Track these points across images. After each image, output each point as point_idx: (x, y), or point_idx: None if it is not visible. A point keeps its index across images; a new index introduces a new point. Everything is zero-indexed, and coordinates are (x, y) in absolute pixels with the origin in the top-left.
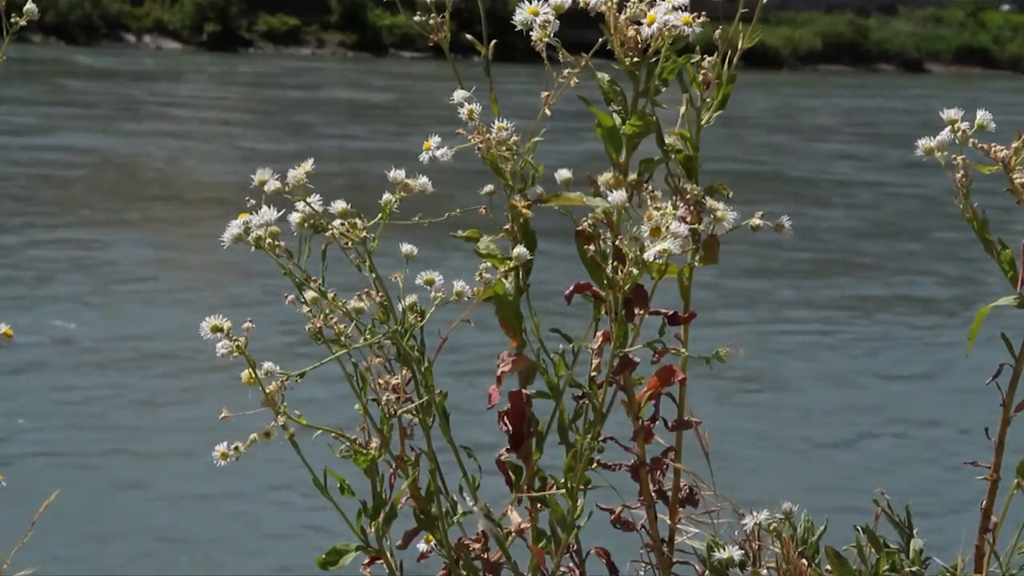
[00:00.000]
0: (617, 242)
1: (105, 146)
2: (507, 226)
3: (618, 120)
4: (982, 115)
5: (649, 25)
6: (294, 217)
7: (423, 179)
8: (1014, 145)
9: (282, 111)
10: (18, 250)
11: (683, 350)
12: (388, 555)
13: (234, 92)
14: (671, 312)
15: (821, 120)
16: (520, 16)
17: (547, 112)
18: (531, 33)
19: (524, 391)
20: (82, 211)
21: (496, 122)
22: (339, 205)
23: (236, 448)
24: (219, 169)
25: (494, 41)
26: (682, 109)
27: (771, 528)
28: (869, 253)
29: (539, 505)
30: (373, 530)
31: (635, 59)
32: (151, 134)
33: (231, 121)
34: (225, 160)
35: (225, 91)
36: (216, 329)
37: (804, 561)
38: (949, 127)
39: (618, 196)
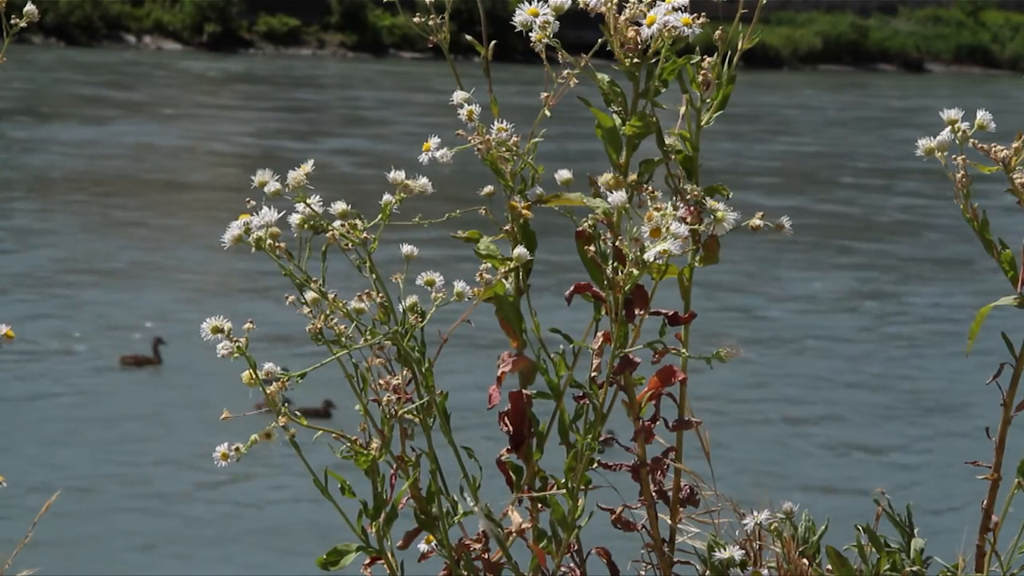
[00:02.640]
0: (617, 243)
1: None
2: (507, 227)
3: (618, 121)
4: (982, 115)
5: (649, 26)
6: (294, 218)
7: (423, 180)
8: (1014, 145)
9: (282, 110)
10: (19, 250)
11: (683, 350)
12: (389, 555)
13: (234, 92)
14: (671, 312)
15: None
16: (520, 17)
17: (547, 113)
18: (531, 34)
19: (525, 391)
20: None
21: (495, 123)
22: (339, 206)
23: (237, 449)
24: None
25: (494, 42)
26: (682, 110)
27: (772, 528)
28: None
29: (540, 505)
30: (374, 530)
31: (635, 60)
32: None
33: (231, 121)
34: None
35: (225, 91)
36: (216, 330)
37: (805, 561)
38: (949, 127)
39: (618, 197)
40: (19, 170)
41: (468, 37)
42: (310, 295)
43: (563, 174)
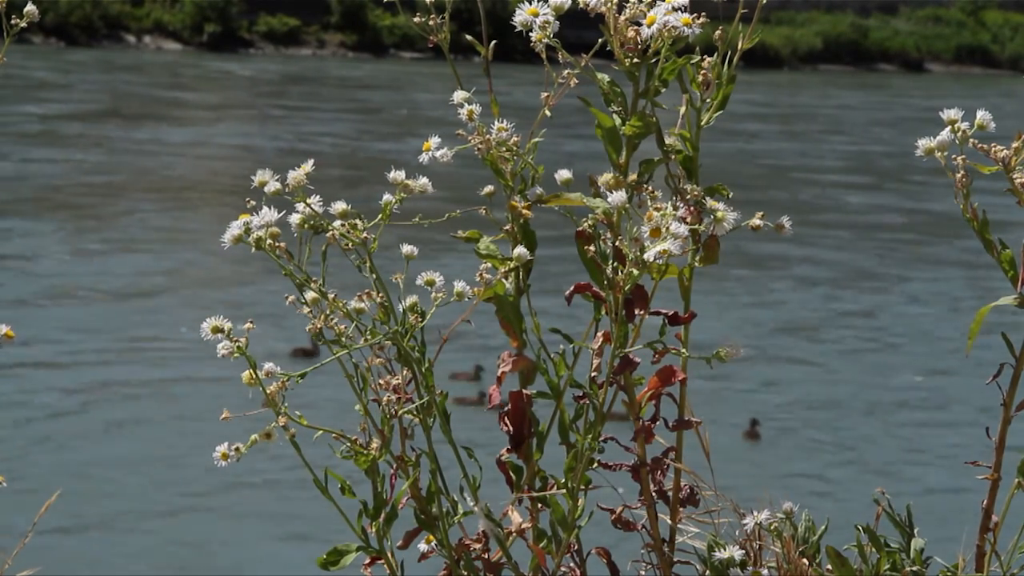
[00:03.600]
0: (617, 243)
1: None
2: (507, 226)
3: (618, 121)
4: (982, 115)
5: (649, 26)
6: (294, 218)
7: (423, 180)
8: (1014, 145)
9: (354, 111)
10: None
11: (683, 350)
12: (389, 555)
13: (297, 94)
14: (671, 312)
15: None
16: (520, 17)
17: (547, 113)
18: (531, 34)
19: (525, 391)
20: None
21: (496, 123)
22: (339, 206)
23: (237, 449)
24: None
25: (494, 42)
26: (682, 110)
27: (772, 528)
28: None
29: (540, 505)
30: (374, 530)
31: (635, 60)
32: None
33: (312, 122)
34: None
35: (288, 93)
36: (216, 330)
37: (805, 561)
38: (949, 127)
39: (618, 197)
40: (141, 172)
41: (468, 37)
42: (310, 295)
43: (563, 174)
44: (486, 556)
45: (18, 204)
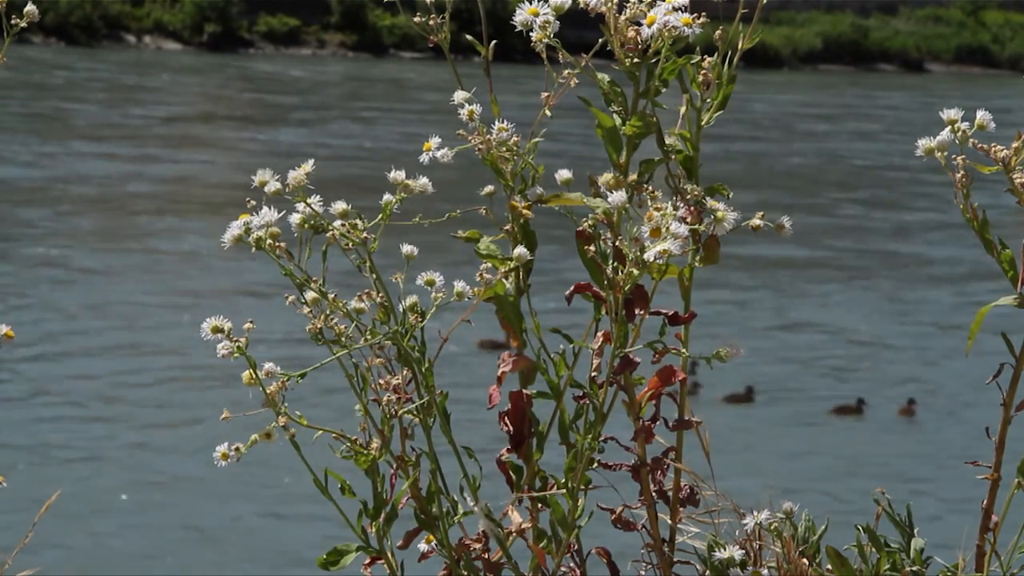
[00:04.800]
0: (617, 243)
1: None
2: (507, 226)
3: (618, 121)
4: (982, 115)
5: (649, 26)
6: (294, 218)
7: (423, 180)
8: (1014, 145)
9: (433, 112)
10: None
11: (683, 350)
12: (389, 555)
13: (373, 95)
14: (671, 312)
15: None
16: (520, 17)
17: (547, 113)
18: (531, 34)
19: (525, 391)
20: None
21: (496, 123)
22: (339, 206)
23: (237, 449)
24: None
25: (494, 42)
26: (682, 110)
27: (772, 528)
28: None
29: (540, 505)
30: (374, 530)
31: (635, 60)
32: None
33: (232, 120)
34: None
35: (365, 94)
36: (216, 330)
37: (805, 561)
38: (949, 127)
39: (618, 197)
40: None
41: (468, 37)
42: (310, 295)
43: (563, 174)
44: (486, 556)
45: (187, 205)
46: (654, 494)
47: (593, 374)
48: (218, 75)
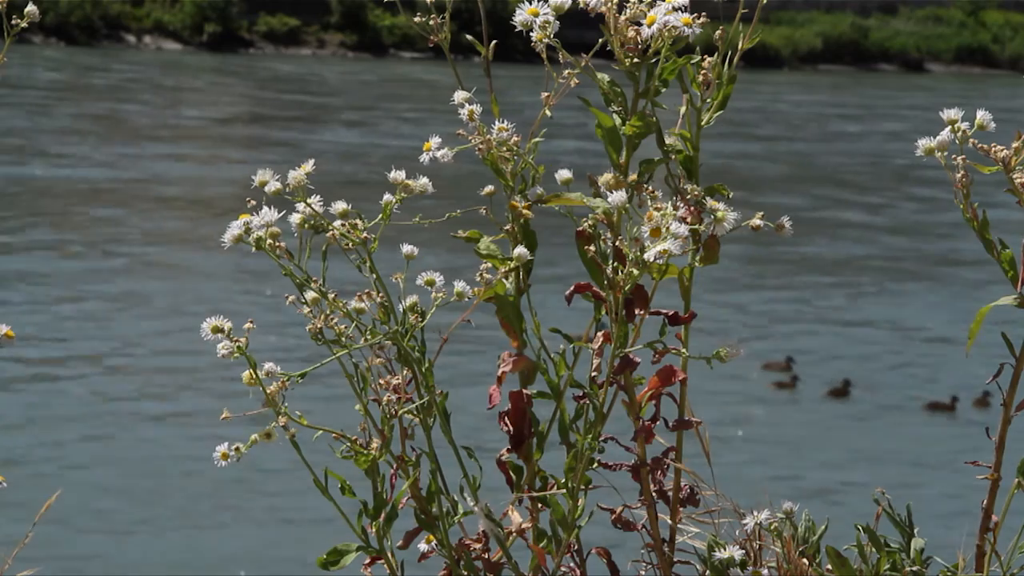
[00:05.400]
0: (617, 243)
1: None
2: (507, 226)
3: (618, 121)
4: (982, 115)
5: (649, 26)
6: (295, 218)
7: (423, 180)
8: (1014, 145)
9: (423, 113)
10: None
11: (683, 350)
12: (389, 555)
13: (396, 96)
14: (671, 312)
15: None
16: (520, 17)
17: (547, 113)
18: (531, 34)
19: (525, 391)
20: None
21: (496, 123)
22: (339, 206)
23: (237, 449)
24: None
25: (494, 42)
26: (682, 110)
27: (772, 528)
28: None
29: (540, 505)
30: (374, 530)
31: (635, 60)
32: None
33: (282, 121)
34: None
35: (226, 91)
36: (216, 330)
37: (805, 561)
38: (949, 127)
39: (618, 197)
40: (349, 172)
41: (468, 37)
42: (310, 295)
43: (563, 174)
44: (486, 556)
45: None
46: (654, 494)
47: (593, 374)
48: (249, 77)
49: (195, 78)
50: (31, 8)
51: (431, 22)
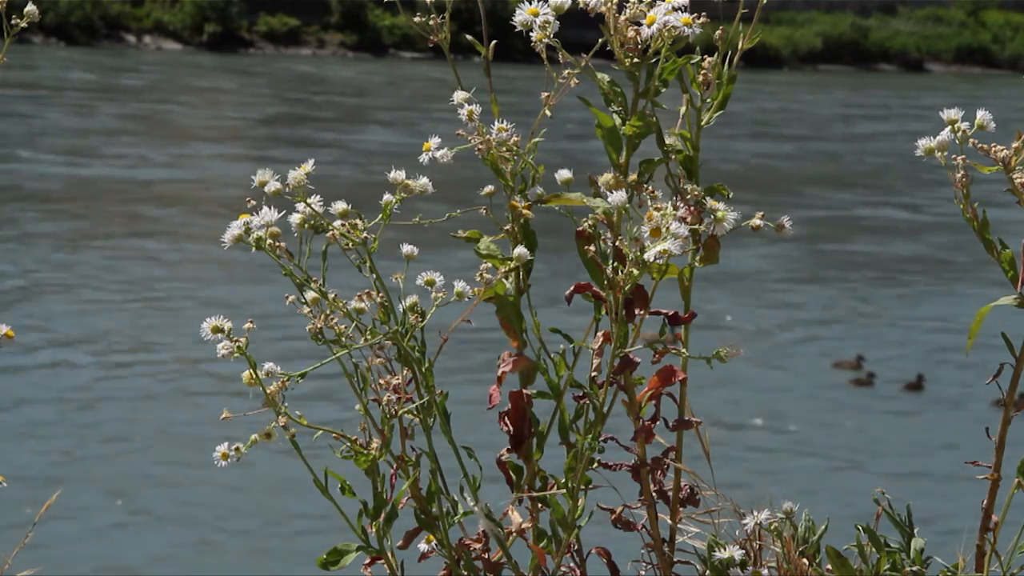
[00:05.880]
0: (617, 243)
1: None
2: (507, 226)
3: (618, 121)
4: (982, 115)
5: (649, 26)
6: (294, 218)
7: (423, 179)
8: (1014, 145)
9: (363, 112)
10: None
11: (683, 350)
12: (389, 555)
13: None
14: (671, 312)
15: None
16: (520, 17)
17: (547, 113)
18: (531, 34)
19: (525, 391)
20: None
21: (496, 123)
22: (339, 206)
23: (237, 449)
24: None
25: (494, 42)
26: (682, 110)
27: (772, 528)
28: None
29: (540, 505)
30: (374, 530)
31: (635, 60)
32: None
33: (323, 121)
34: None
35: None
36: (216, 330)
37: (805, 561)
38: (949, 127)
39: (618, 197)
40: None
41: (468, 37)
42: (310, 295)
43: (563, 174)
44: (486, 556)
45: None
46: (654, 494)
47: (593, 374)
48: (271, 78)
49: (225, 79)
50: (31, 8)
51: (431, 22)
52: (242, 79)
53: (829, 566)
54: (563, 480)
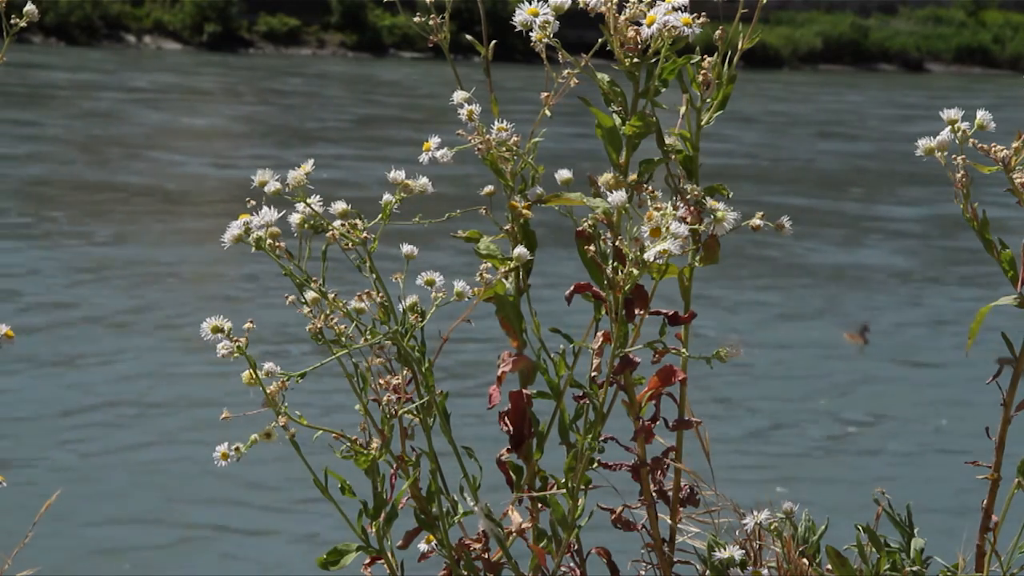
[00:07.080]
0: (617, 242)
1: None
2: (507, 226)
3: (618, 121)
4: (982, 115)
5: (649, 26)
6: (294, 218)
7: (423, 179)
8: (1014, 145)
9: (434, 114)
10: (20, 252)
11: (683, 350)
12: (389, 555)
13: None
14: (671, 312)
15: None
16: (520, 17)
17: (547, 113)
18: (531, 34)
19: (525, 391)
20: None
21: (496, 123)
22: (339, 206)
23: (237, 448)
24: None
25: (494, 42)
26: (682, 110)
27: (772, 528)
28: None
29: (540, 505)
30: (374, 530)
31: (635, 60)
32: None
33: (411, 123)
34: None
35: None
36: (216, 330)
37: (805, 560)
38: (949, 127)
39: (618, 197)
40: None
41: (468, 37)
42: (310, 295)
43: (563, 174)
44: (486, 556)
45: (460, 204)
46: (654, 494)
47: (593, 374)
48: (351, 80)
49: (283, 81)
50: (30, 8)
51: (431, 22)
52: (305, 81)
53: (829, 566)
54: (563, 480)
